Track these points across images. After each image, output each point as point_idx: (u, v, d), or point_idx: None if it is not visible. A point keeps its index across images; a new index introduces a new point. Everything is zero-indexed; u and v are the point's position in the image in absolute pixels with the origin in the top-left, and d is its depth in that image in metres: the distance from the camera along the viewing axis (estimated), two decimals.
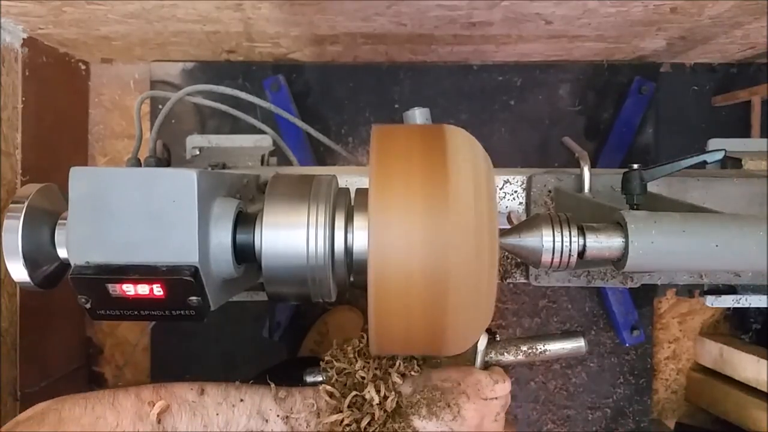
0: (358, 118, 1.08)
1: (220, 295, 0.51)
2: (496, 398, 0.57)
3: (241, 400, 0.51)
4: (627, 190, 0.55)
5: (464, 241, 0.43)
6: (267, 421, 0.51)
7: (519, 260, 0.69)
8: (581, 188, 0.63)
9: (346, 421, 0.52)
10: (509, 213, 0.68)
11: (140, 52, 1.02)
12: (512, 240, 0.49)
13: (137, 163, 0.76)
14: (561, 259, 0.47)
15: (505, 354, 0.61)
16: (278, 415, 0.51)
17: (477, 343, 0.59)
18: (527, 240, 0.48)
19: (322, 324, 1.04)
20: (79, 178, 0.46)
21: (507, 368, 0.60)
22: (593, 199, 0.60)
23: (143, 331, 1.08)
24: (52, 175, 0.56)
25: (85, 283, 0.46)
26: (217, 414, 0.50)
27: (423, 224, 0.43)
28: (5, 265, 0.52)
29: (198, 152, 0.84)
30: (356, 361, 0.56)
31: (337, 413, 0.53)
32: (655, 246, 0.45)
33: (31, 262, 0.52)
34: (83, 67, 1.07)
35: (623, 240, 0.46)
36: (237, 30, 0.88)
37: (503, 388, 0.57)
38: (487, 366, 0.60)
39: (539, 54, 1.04)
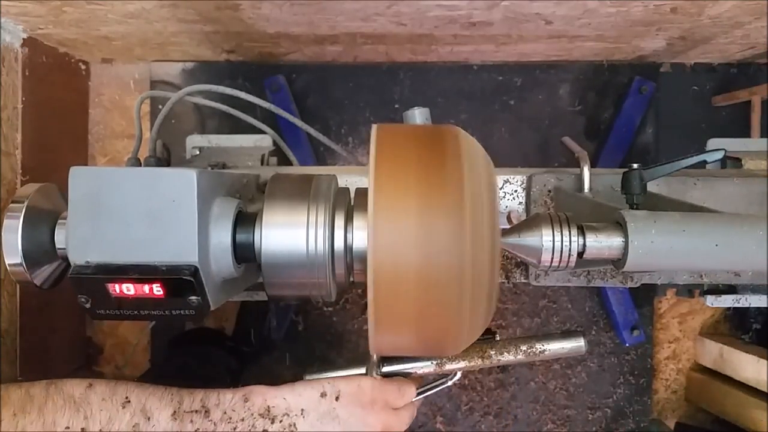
0: (358, 118, 1.08)
1: (220, 295, 0.51)
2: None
3: (126, 398, 0.51)
4: (627, 189, 0.55)
5: (464, 241, 0.43)
6: (149, 419, 0.51)
7: (519, 260, 0.69)
8: (581, 188, 0.63)
9: None
10: (509, 212, 0.68)
11: (140, 52, 1.02)
12: (512, 239, 0.49)
13: (137, 163, 0.76)
14: (561, 258, 0.47)
15: (505, 354, 0.61)
16: (167, 412, 0.52)
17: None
18: (527, 239, 0.48)
19: None
20: (79, 177, 0.46)
21: (507, 368, 0.60)
22: (593, 198, 0.60)
23: (143, 331, 1.08)
24: (52, 175, 0.56)
25: (84, 283, 0.46)
26: (101, 410, 0.50)
27: (423, 224, 0.43)
28: (5, 264, 0.52)
29: (198, 152, 0.84)
30: None
31: None
32: (655, 246, 0.45)
33: (30, 262, 0.52)
34: (83, 67, 1.07)
35: (623, 240, 0.46)
36: (237, 30, 0.88)
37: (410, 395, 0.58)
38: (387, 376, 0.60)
39: (539, 54, 1.04)
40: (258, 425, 0.53)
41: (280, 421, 0.53)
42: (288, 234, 0.49)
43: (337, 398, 0.54)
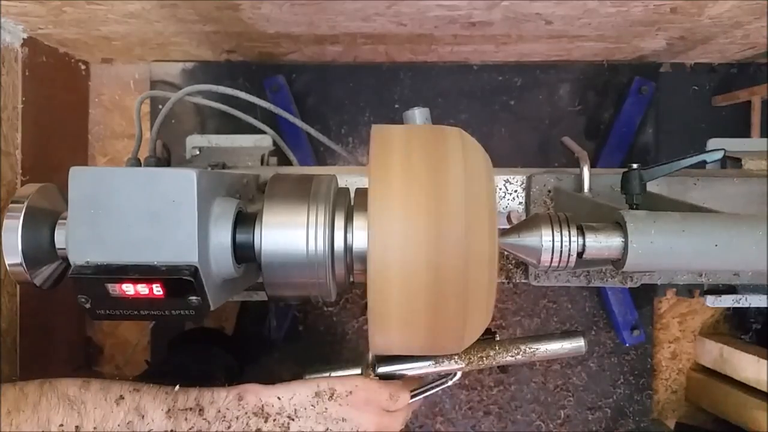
0: (358, 118, 1.08)
1: (220, 295, 0.51)
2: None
3: (121, 396, 0.51)
4: (626, 189, 0.55)
5: (463, 241, 0.43)
6: (144, 417, 0.51)
7: (519, 260, 0.69)
8: (581, 188, 0.63)
9: None
10: (509, 213, 0.68)
11: (140, 52, 1.02)
12: (512, 239, 0.49)
13: (137, 163, 0.76)
14: (560, 258, 0.47)
15: (505, 354, 0.61)
16: (162, 410, 0.51)
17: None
18: (527, 239, 0.48)
19: None
20: (79, 177, 0.46)
21: (507, 368, 0.60)
22: (593, 198, 0.60)
23: (143, 331, 1.08)
24: (52, 175, 0.56)
25: (84, 283, 0.46)
26: (95, 408, 0.50)
27: (422, 224, 0.43)
28: (5, 265, 0.52)
29: (198, 152, 0.84)
30: None
31: None
32: (655, 246, 0.45)
33: (30, 262, 0.52)
34: (83, 67, 1.07)
35: (622, 240, 0.46)
36: (237, 30, 0.88)
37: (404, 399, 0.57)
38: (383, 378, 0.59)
39: (539, 54, 1.04)
40: (252, 424, 0.53)
41: (274, 420, 0.53)
42: (288, 234, 0.49)
43: (330, 398, 0.54)
